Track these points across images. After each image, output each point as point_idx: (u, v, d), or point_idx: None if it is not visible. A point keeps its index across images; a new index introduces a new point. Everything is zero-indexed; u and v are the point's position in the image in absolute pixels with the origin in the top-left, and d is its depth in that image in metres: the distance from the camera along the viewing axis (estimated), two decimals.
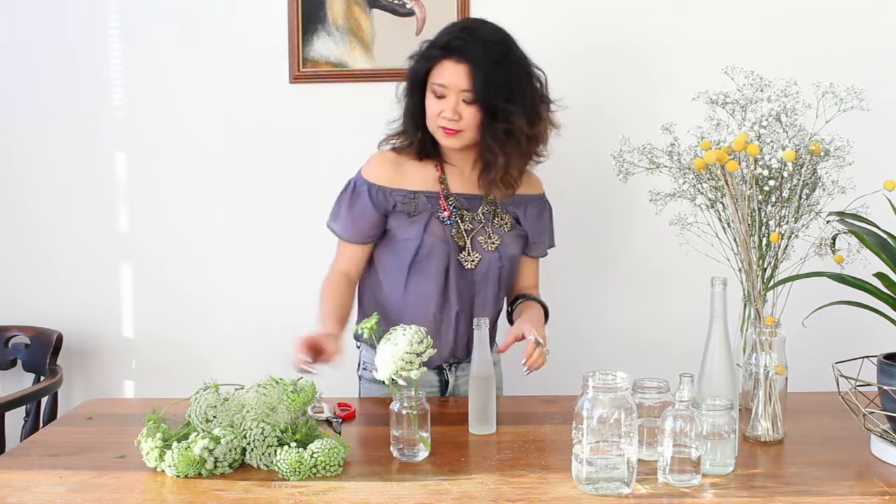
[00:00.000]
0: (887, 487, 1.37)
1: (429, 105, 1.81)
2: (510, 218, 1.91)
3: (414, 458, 1.51)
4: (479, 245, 1.87)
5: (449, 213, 1.86)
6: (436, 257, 1.84)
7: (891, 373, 1.47)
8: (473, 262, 1.86)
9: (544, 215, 1.98)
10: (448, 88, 1.77)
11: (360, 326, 1.59)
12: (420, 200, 1.86)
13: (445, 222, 1.85)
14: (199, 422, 1.51)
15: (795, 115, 1.55)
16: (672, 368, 1.50)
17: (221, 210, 2.61)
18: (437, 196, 1.87)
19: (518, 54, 1.81)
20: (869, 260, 1.53)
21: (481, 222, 1.88)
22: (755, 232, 1.58)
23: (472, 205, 1.89)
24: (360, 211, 1.87)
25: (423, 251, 1.84)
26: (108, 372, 2.68)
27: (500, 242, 1.88)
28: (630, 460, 1.34)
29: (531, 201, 1.94)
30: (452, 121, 1.78)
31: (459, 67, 1.76)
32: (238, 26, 2.55)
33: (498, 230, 1.89)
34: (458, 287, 1.87)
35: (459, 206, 1.87)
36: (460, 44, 1.76)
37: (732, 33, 2.44)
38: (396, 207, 1.86)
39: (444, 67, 1.77)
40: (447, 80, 1.77)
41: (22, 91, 2.62)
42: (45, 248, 2.66)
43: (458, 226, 1.86)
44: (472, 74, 1.75)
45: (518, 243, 1.92)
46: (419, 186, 1.87)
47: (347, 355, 2.08)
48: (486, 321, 1.66)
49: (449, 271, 1.85)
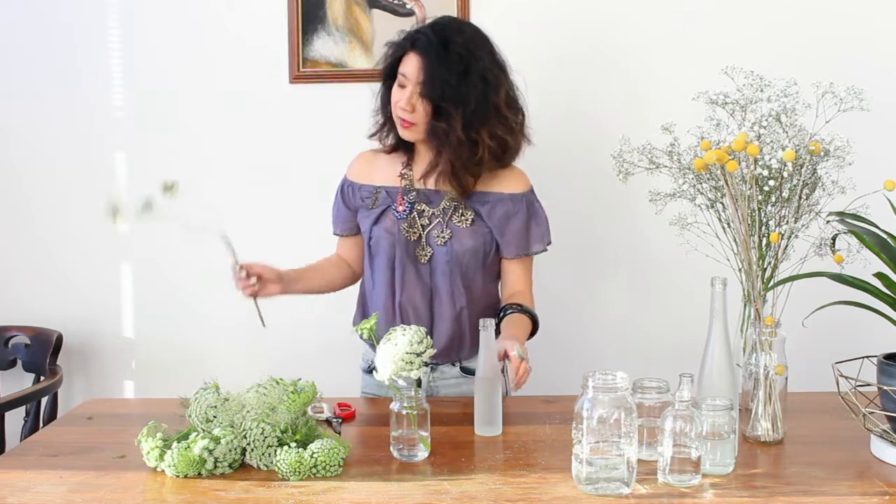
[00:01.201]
0: (887, 487, 1.37)
1: (392, 93, 1.87)
2: (472, 214, 1.90)
3: (414, 458, 1.51)
4: (432, 239, 1.89)
5: (404, 207, 1.90)
6: (383, 250, 1.91)
7: (891, 373, 1.47)
8: (427, 256, 1.89)
9: (517, 216, 1.90)
10: (407, 79, 1.83)
11: (360, 327, 1.59)
12: (381, 195, 1.93)
13: (399, 217, 1.90)
14: (200, 422, 1.51)
15: (795, 115, 1.55)
16: (672, 368, 1.50)
17: (221, 210, 2.61)
18: (397, 191, 1.92)
19: (478, 57, 1.81)
20: (869, 260, 1.53)
21: (439, 217, 1.89)
22: (755, 232, 1.58)
23: (435, 199, 1.90)
24: (338, 207, 2.02)
25: (373, 242, 1.93)
26: (108, 372, 2.68)
27: (450, 237, 1.88)
28: (630, 460, 1.34)
29: (500, 200, 1.90)
30: (405, 111, 1.83)
31: (417, 60, 1.81)
32: (238, 26, 2.55)
33: (454, 225, 1.89)
34: (412, 280, 1.90)
35: (419, 200, 1.91)
36: (422, 38, 1.82)
37: (732, 33, 2.44)
38: (362, 203, 1.96)
39: (408, 59, 1.83)
40: (407, 71, 1.83)
41: (22, 91, 2.62)
42: (45, 248, 2.66)
43: (413, 220, 1.89)
44: (425, 69, 1.80)
45: (475, 240, 1.89)
46: (384, 182, 1.95)
47: (349, 352, 2.09)
48: (491, 322, 1.66)
49: (396, 263, 1.90)
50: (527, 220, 1.92)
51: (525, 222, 1.92)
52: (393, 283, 1.91)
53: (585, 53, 2.47)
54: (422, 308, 1.91)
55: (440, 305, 1.91)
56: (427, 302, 1.92)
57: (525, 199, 1.92)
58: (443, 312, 1.91)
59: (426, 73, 1.79)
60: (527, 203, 1.92)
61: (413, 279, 1.90)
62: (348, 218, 2.00)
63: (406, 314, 1.91)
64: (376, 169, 1.96)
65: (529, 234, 1.93)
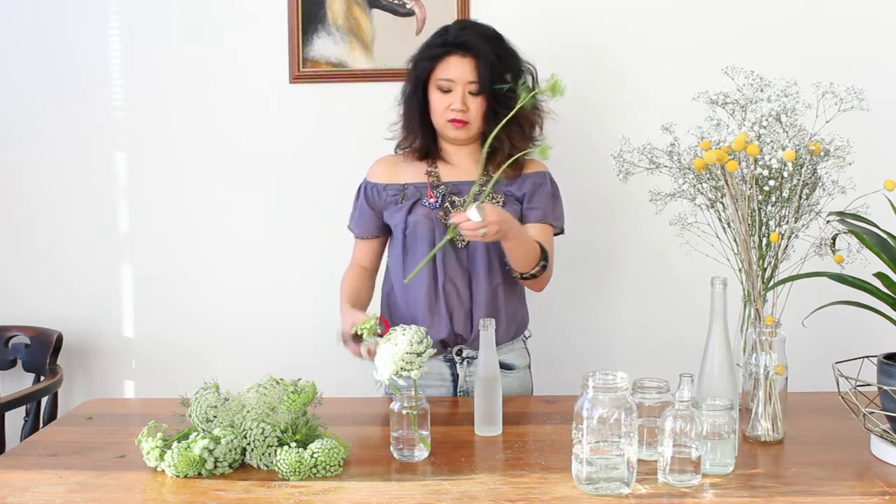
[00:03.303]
0: (887, 487, 1.37)
1: (435, 101, 1.91)
2: (502, 197, 1.94)
3: (414, 458, 1.51)
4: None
5: (436, 199, 1.93)
6: (422, 235, 1.92)
7: (891, 373, 1.47)
8: (464, 241, 1.90)
9: (544, 187, 1.98)
10: (455, 82, 1.88)
11: (360, 327, 1.59)
12: (409, 190, 1.96)
13: (431, 207, 1.93)
14: (200, 422, 1.51)
15: (795, 115, 1.55)
16: (672, 368, 1.50)
17: (221, 210, 2.61)
18: (426, 186, 1.95)
19: (512, 49, 1.94)
20: (869, 260, 1.53)
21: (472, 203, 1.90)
22: (755, 232, 1.58)
23: (464, 190, 1.93)
24: (361, 209, 2.02)
25: (410, 231, 1.93)
26: (108, 372, 2.69)
27: None
28: (630, 460, 1.34)
29: (528, 177, 1.98)
30: (461, 112, 1.88)
31: (465, 61, 1.88)
32: (238, 26, 2.56)
33: None
34: (453, 264, 1.92)
35: (449, 192, 1.94)
36: (465, 39, 1.89)
37: (732, 33, 2.44)
38: (388, 201, 1.97)
39: (450, 62, 1.89)
40: (454, 74, 1.88)
41: (22, 91, 2.62)
42: (45, 248, 2.66)
43: (446, 209, 1.92)
44: (479, 66, 1.87)
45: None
46: (410, 179, 1.97)
47: (348, 353, 2.09)
48: (492, 322, 1.66)
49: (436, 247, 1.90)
50: (552, 193, 2.00)
51: (551, 194, 2.00)
52: (435, 269, 1.92)
53: (585, 53, 2.47)
54: (463, 291, 1.93)
55: (478, 286, 1.93)
56: (467, 284, 1.93)
57: (548, 176, 2.01)
58: (480, 292, 1.93)
59: (482, 70, 1.86)
60: (550, 180, 2.01)
61: (454, 263, 1.93)
62: (372, 219, 2.01)
63: (450, 298, 1.92)
64: (399, 171, 1.99)
65: (554, 206, 2.00)
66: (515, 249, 1.84)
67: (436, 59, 1.90)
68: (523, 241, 1.85)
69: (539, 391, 2.07)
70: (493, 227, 1.71)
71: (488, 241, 1.78)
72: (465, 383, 1.96)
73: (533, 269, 1.88)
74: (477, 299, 1.94)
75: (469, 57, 1.88)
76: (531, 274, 1.89)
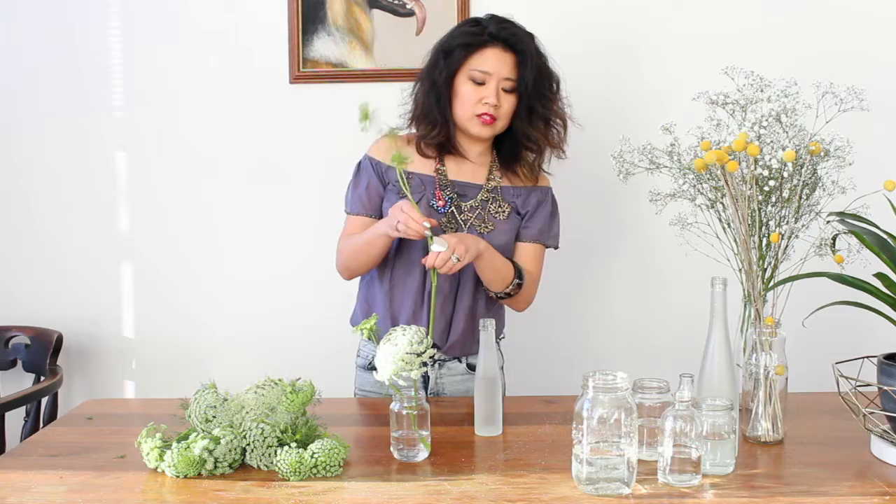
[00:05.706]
0: (887, 487, 1.37)
1: (465, 91, 1.82)
2: (509, 207, 1.91)
3: (414, 458, 1.51)
4: (473, 231, 1.88)
5: (444, 202, 1.87)
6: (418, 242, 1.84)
7: (891, 373, 1.47)
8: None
9: (545, 206, 1.95)
10: (490, 75, 1.80)
11: (360, 327, 1.59)
12: (414, 181, 1.88)
13: (440, 211, 1.87)
14: (199, 422, 1.51)
15: (795, 116, 1.55)
16: (672, 368, 1.50)
17: (221, 210, 2.61)
18: (433, 181, 1.89)
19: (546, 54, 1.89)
20: (869, 260, 1.53)
21: (477, 209, 1.89)
22: (755, 232, 1.58)
23: (470, 193, 1.90)
24: (364, 183, 1.90)
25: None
26: (108, 372, 2.69)
27: (492, 229, 1.89)
28: (630, 460, 1.34)
29: (533, 190, 1.95)
30: (494, 107, 1.81)
31: (506, 55, 1.81)
32: (238, 26, 2.56)
33: (492, 217, 1.90)
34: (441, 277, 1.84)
35: (455, 194, 1.89)
36: (508, 34, 1.81)
37: (732, 33, 2.44)
38: (390, 185, 1.89)
39: (488, 54, 1.81)
40: (491, 67, 1.80)
41: (22, 91, 2.62)
42: (45, 247, 2.66)
43: (451, 214, 1.88)
44: (519, 64, 1.80)
45: (511, 233, 1.92)
46: (416, 169, 1.89)
47: (347, 352, 2.09)
48: (492, 322, 1.66)
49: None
50: (551, 212, 1.97)
51: (550, 214, 1.97)
52: (424, 278, 1.88)
53: (584, 53, 2.47)
54: (447, 302, 1.90)
55: (461, 300, 1.91)
56: (452, 296, 1.91)
57: (551, 193, 1.98)
58: (463, 306, 1.91)
59: (523, 68, 1.80)
60: (552, 197, 1.98)
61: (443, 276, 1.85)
62: (378, 194, 1.89)
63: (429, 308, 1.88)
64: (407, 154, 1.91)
65: (551, 225, 1.98)
66: (486, 269, 1.83)
67: (473, 48, 1.81)
68: (494, 260, 1.83)
69: (539, 391, 2.07)
70: (461, 247, 1.70)
71: (466, 264, 1.74)
72: (435, 385, 1.95)
73: (507, 287, 1.87)
74: (458, 310, 1.91)
75: (510, 52, 1.80)
76: (506, 293, 1.88)
